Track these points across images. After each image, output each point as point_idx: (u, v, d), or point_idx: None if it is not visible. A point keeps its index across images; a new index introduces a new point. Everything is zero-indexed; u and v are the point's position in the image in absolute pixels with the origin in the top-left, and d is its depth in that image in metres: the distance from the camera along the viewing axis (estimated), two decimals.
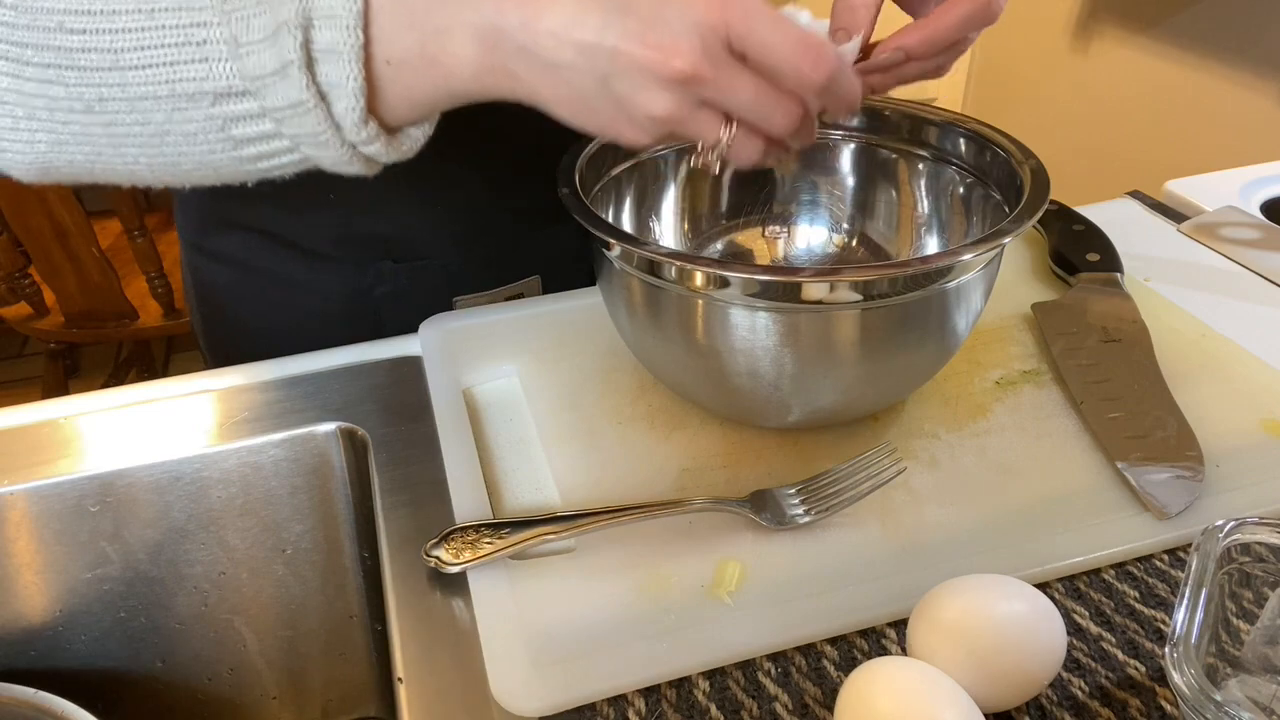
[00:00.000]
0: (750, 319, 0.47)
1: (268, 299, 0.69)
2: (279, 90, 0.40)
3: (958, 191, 0.60)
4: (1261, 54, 1.53)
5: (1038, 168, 0.52)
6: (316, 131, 0.41)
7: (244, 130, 0.42)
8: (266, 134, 0.42)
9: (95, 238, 1.48)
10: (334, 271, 0.67)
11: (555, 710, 0.41)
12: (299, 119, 0.41)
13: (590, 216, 0.49)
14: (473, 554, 0.46)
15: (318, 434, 0.57)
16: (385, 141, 0.43)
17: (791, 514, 0.48)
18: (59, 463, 0.54)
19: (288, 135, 0.42)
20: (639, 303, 0.51)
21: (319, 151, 0.42)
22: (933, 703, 0.36)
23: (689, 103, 0.41)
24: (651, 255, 0.48)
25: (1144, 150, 1.81)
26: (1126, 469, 0.51)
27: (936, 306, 0.49)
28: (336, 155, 0.43)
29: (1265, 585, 0.39)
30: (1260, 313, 0.65)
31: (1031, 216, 0.48)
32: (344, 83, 0.40)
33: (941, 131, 0.60)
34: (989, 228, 0.56)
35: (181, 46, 0.40)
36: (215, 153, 0.43)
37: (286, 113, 0.41)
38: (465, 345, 0.62)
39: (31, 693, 0.47)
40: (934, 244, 0.62)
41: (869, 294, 0.46)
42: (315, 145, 0.42)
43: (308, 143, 0.42)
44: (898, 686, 0.37)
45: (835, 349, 0.48)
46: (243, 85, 0.40)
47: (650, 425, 0.56)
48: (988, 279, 0.51)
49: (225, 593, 0.59)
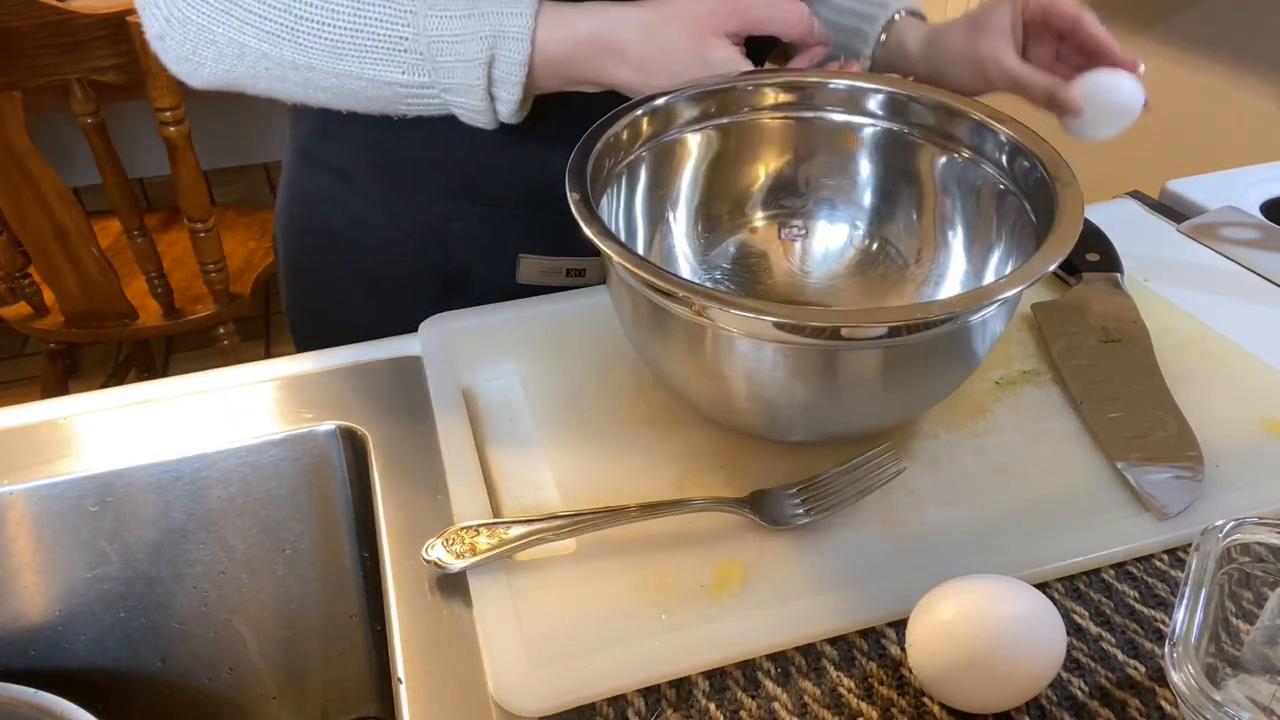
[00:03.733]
0: (757, 350, 0.46)
1: (355, 209, 0.73)
2: (459, 94, 0.57)
3: (981, 194, 0.58)
4: (1261, 54, 1.53)
5: (1074, 192, 0.50)
6: (476, 115, 0.59)
7: (418, 104, 0.59)
8: (435, 106, 0.59)
9: (95, 238, 1.48)
10: (419, 196, 0.70)
11: (555, 710, 0.41)
12: (468, 112, 0.58)
13: (599, 229, 0.47)
14: (473, 554, 0.46)
15: (318, 434, 0.57)
16: (519, 115, 0.59)
17: (791, 514, 0.48)
18: (59, 463, 0.54)
19: (452, 106, 0.58)
20: (645, 317, 0.50)
21: (469, 116, 0.59)
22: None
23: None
24: (661, 284, 0.45)
25: (1144, 150, 1.81)
26: (1126, 469, 0.51)
27: (958, 339, 0.47)
28: (482, 120, 0.59)
29: (1265, 585, 0.39)
30: (1260, 313, 0.65)
31: (1064, 247, 0.46)
32: (508, 97, 0.57)
33: (972, 128, 0.57)
34: (1013, 233, 0.55)
35: (388, 50, 0.56)
36: (385, 106, 0.59)
37: (459, 101, 0.58)
38: (465, 345, 0.62)
39: (31, 693, 0.47)
40: (957, 247, 0.60)
41: (889, 332, 0.44)
42: (469, 114, 0.59)
43: (463, 110, 0.58)
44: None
45: (848, 382, 0.47)
46: (430, 84, 0.57)
47: (650, 425, 0.56)
48: (1011, 305, 0.50)
49: (225, 593, 0.59)
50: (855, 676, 0.42)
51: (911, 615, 0.41)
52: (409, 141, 0.67)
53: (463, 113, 0.59)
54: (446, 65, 0.56)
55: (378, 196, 0.72)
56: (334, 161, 0.73)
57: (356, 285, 0.74)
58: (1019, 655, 0.39)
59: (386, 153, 0.70)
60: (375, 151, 0.71)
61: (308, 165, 0.75)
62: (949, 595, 0.40)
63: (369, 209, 0.73)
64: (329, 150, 0.73)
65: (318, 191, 0.75)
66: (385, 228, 0.73)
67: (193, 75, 0.60)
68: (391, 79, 0.57)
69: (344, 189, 0.73)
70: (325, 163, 0.73)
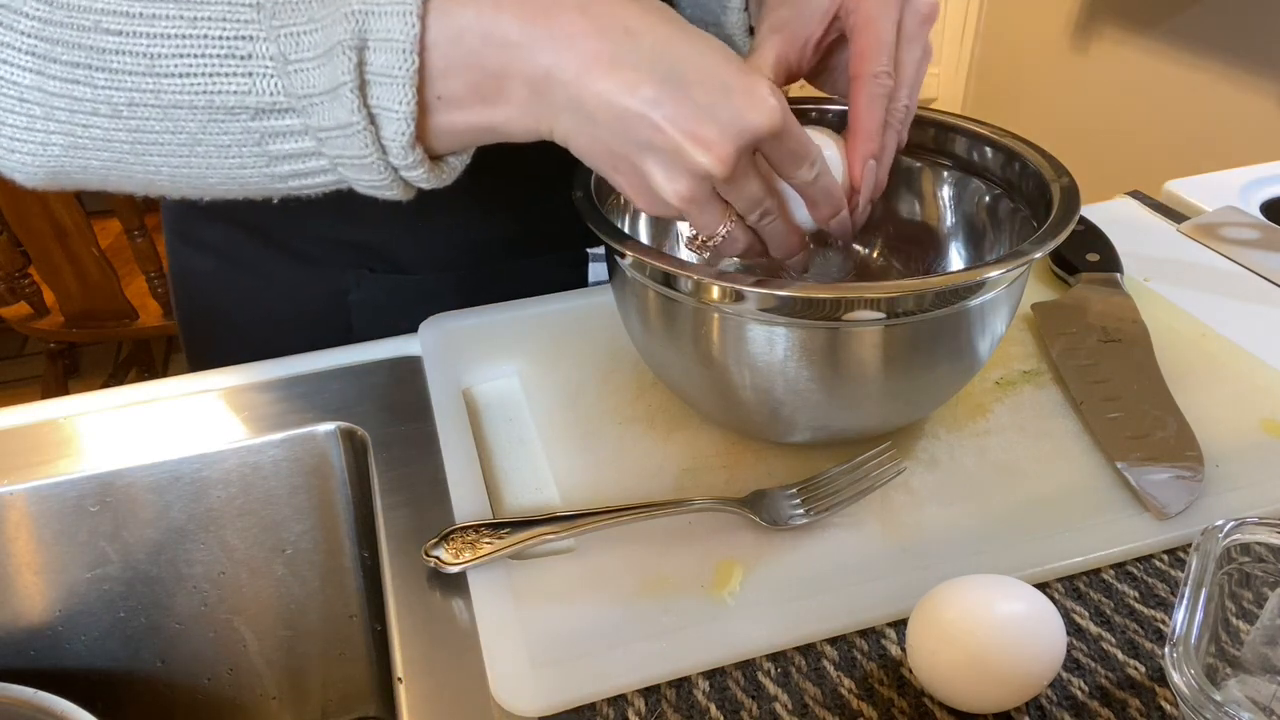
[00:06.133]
0: (768, 334, 0.46)
1: (244, 292, 0.69)
2: (327, 110, 0.39)
3: (984, 203, 0.59)
4: (1261, 54, 1.53)
5: (1069, 185, 0.51)
6: (362, 154, 0.40)
7: (282, 146, 0.41)
8: (305, 151, 0.41)
9: (95, 238, 1.48)
10: (312, 271, 0.68)
11: (555, 710, 0.41)
12: (345, 140, 0.40)
13: (603, 223, 0.48)
14: (473, 554, 0.46)
15: (317, 434, 0.57)
16: (429, 168, 0.42)
17: (791, 514, 0.48)
18: (59, 463, 0.54)
19: (328, 155, 0.41)
20: (652, 312, 0.50)
21: (359, 174, 0.42)
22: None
23: (705, 193, 0.42)
24: (666, 268, 0.46)
25: (1144, 150, 1.81)
26: (1126, 469, 0.51)
27: (961, 324, 0.47)
28: (377, 179, 0.42)
29: (1265, 585, 0.39)
30: (1260, 313, 0.65)
31: (1059, 233, 0.47)
32: (396, 107, 0.39)
33: (969, 142, 0.58)
34: (1016, 242, 0.55)
35: (224, 58, 0.39)
36: (246, 166, 0.42)
37: (332, 133, 0.40)
38: (465, 345, 0.62)
39: (31, 693, 0.47)
40: (958, 257, 0.60)
41: (892, 311, 0.45)
42: (356, 168, 0.41)
43: (348, 164, 0.41)
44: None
45: (854, 367, 0.47)
46: (288, 102, 0.39)
47: (650, 425, 0.56)
48: (1013, 297, 0.50)
49: (225, 593, 0.59)
50: (855, 677, 0.42)
51: (911, 615, 0.41)
52: (295, 218, 0.61)
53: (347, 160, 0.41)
54: (302, 66, 0.39)
55: (265, 275, 0.68)
56: (213, 242, 0.68)
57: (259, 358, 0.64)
58: (1019, 655, 0.39)
59: (271, 232, 0.66)
60: (256, 232, 0.66)
61: (186, 246, 0.70)
62: (949, 595, 0.40)
63: (257, 289, 0.68)
64: (206, 233, 0.68)
65: (201, 273, 0.70)
66: (280, 306, 0.69)
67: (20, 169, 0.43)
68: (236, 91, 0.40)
69: (228, 271, 0.68)
70: (204, 244, 0.69)
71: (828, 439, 0.53)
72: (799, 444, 0.54)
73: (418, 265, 0.68)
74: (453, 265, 0.68)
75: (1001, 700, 0.40)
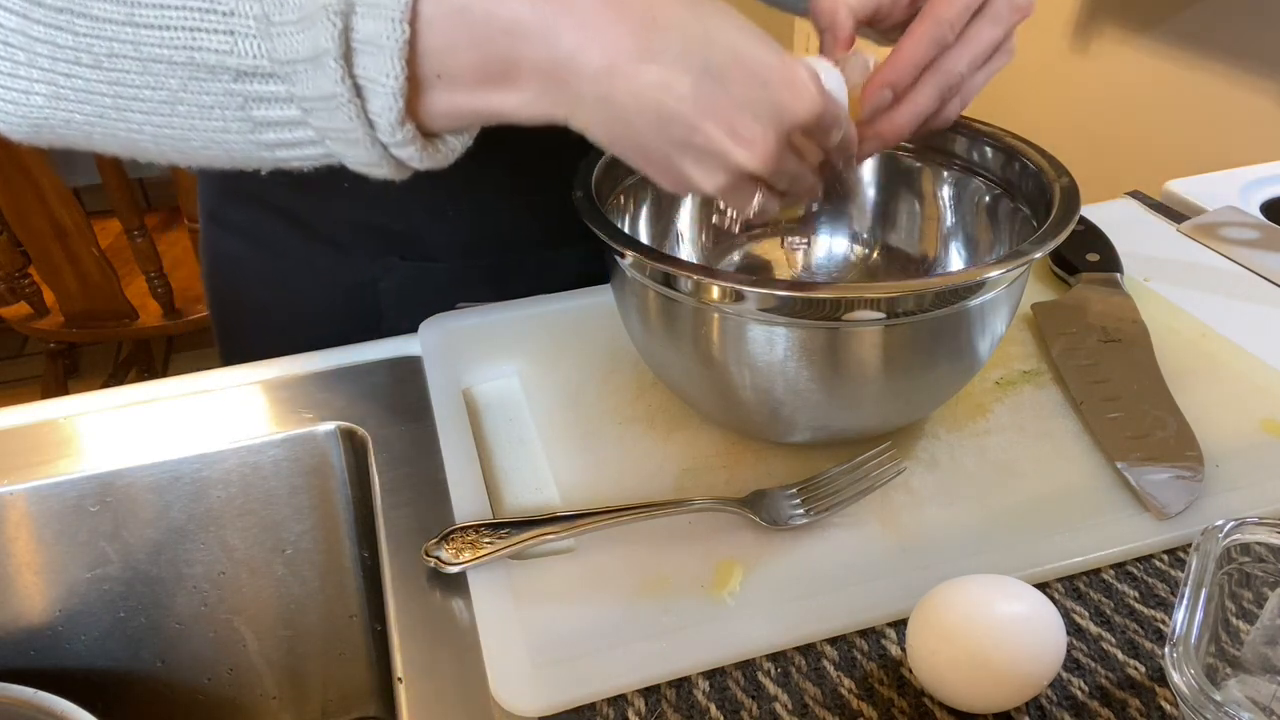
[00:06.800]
0: (768, 334, 0.46)
1: (274, 275, 0.69)
2: (310, 79, 0.37)
3: (984, 203, 0.59)
4: (1261, 54, 1.53)
5: (1069, 185, 0.51)
6: (347, 128, 0.38)
7: (266, 113, 0.39)
8: (291, 120, 0.39)
9: (95, 238, 1.48)
10: (341, 258, 0.67)
11: (555, 710, 0.41)
12: (329, 112, 0.38)
13: (603, 223, 0.48)
14: (473, 554, 0.46)
15: (317, 434, 0.57)
16: (421, 146, 0.40)
17: (791, 514, 0.48)
18: (59, 463, 0.54)
19: (314, 126, 0.39)
20: (653, 313, 0.50)
21: (347, 149, 0.39)
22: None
23: (739, 181, 0.42)
24: (665, 268, 0.47)
25: (1144, 150, 1.81)
26: (1126, 469, 0.51)
27: (961, 324, 0.47)
28: (366, 155, 0.39)
29: (1265, 585, 0.39)
30: (1260, 313, 0.65)
31: (1060, 233, 0.47)
32: (383, 79, 0.36)
33: (969, 141, 0.58)
34: (1016, 242, 0.55)
35: (205, 13, 0.36)
36: (230, 131, 0.40)
37: (316, 104, 0.37)
38: (465, 345, 0.62)
39: (31, 693, 0.47)
40: (958, 256, 0.60)
41: (892, 311, 0.45)
42: (344, 142, 0.39)
43: (336, 138, 0.39)
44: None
45: (854, 367, 0.47)
46: (270, 67, 0.37)
47: (650, 425, 0.56)
48: (1013, 297, 0.50)
49: (225, 593, 0.59)
50: (855, 677, 0.42)
51: (911, 615, 0.41)
52: (325, 203, 0.62)
53: (334, 133, 0.39)
54: (285, 29, 0.36)
55: (296, 259, 0.68)
56: (245, 225, 0.68)
57: (290, 345, 0.65)
58: (1019, 655, 0.39)
59: (301, 216, 0.66)
60: (287, 216, 0.66)
61: (219, 228, 0.70)
62: (949, 595, 0.40)
63: (287, 273, 0.68)
64: (238, 215, 0.68)
65: (233, 256, 0.71)
66: (310, 293, 0.69)
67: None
68: (216, 49, 0.37)
69: (259, 255, 0.68)
70: (236, 227, 0.69)
71: (828, 439, 0.53)
72: (799, 444, 0.54)
73: (447, 252, 0.67)
74: (482, 254, 0.68)
75: (1001, 700, 0.40)
